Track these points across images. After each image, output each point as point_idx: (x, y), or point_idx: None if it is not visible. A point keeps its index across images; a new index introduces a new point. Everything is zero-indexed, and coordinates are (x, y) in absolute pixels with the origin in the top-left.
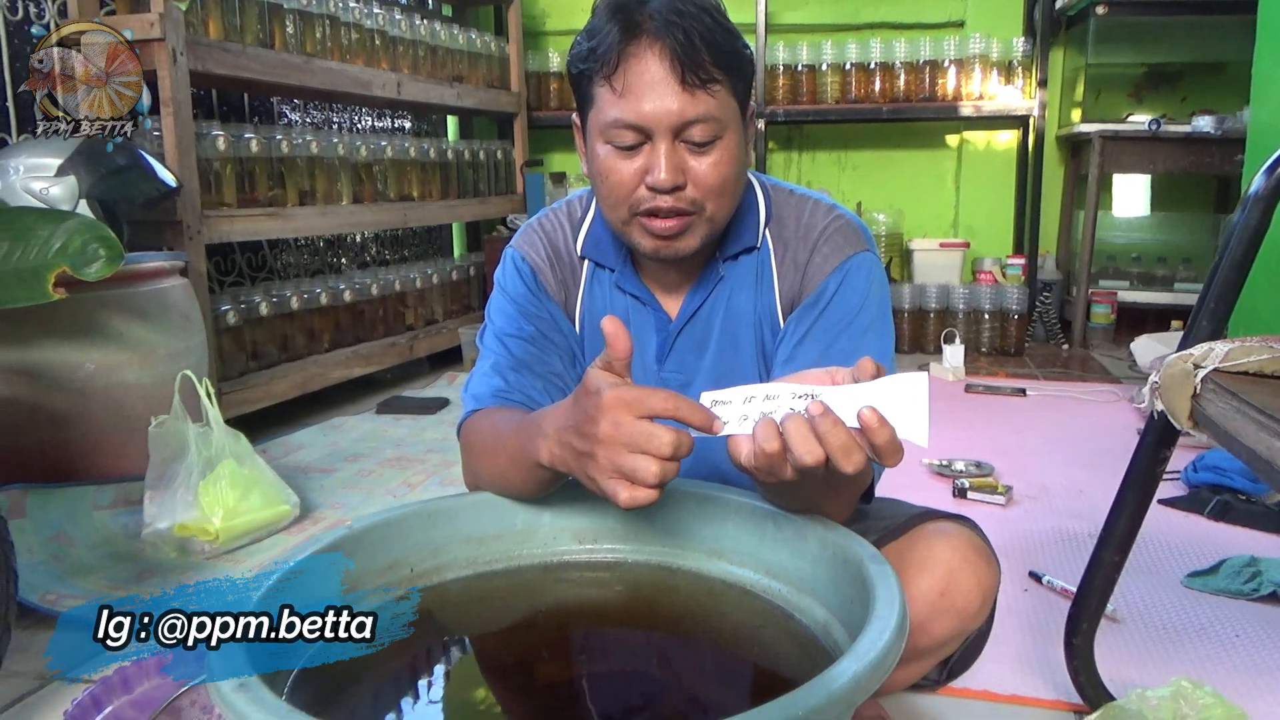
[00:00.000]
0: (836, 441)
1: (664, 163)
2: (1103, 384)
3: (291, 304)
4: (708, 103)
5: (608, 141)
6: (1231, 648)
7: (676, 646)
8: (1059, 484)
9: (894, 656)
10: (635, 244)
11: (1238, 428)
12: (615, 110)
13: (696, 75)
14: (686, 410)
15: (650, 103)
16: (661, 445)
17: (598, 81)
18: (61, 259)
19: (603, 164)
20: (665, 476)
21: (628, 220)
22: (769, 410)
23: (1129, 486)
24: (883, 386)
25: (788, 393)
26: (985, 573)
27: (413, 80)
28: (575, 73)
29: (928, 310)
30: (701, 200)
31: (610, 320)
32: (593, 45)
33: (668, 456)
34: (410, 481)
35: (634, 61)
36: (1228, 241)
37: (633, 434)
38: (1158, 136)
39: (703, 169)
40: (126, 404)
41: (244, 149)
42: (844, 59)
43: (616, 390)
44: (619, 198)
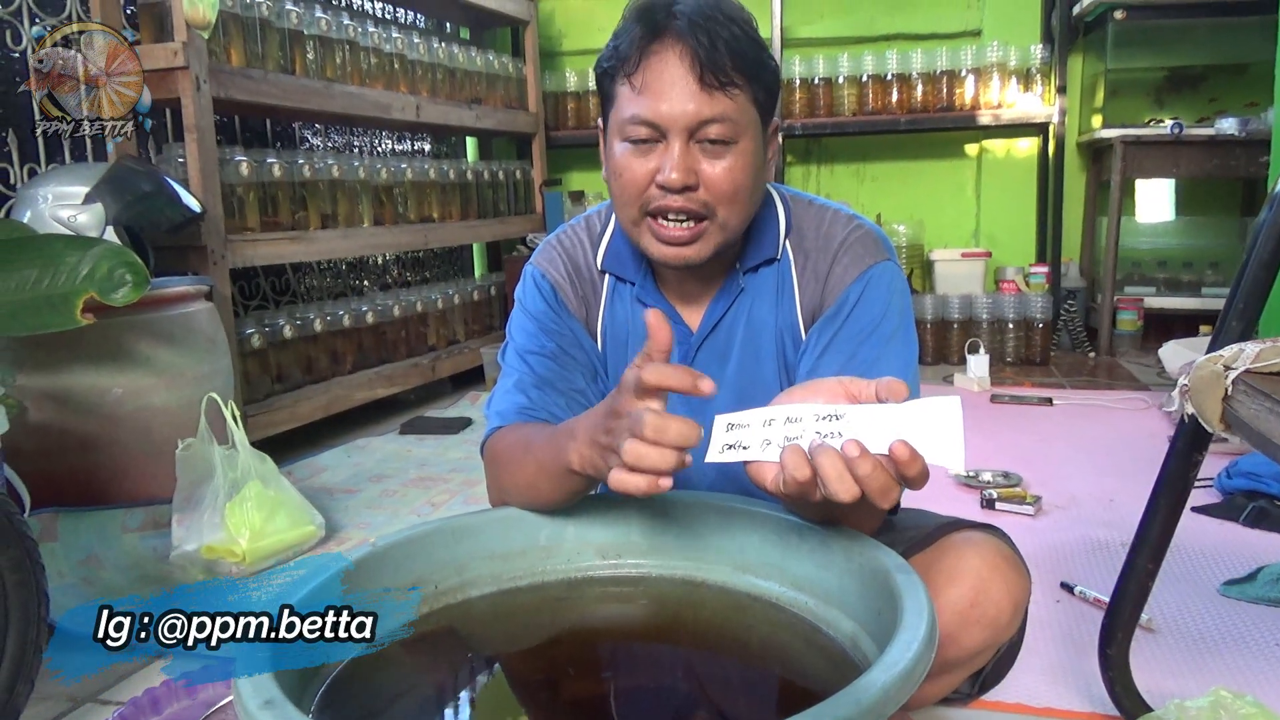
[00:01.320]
0: (876, 485)
1: (676, 160)
2: (1131, 391)
3: (315, 326)
4: (725, 105)
5: (624, 139)
6: (1271, 657)
7: (703, 661)
8: (1088, 493)
9: (923, 667)
10: (645, 249)
11: (1270, 428)
12: (633, 107)
13: (716, 77)
14: (665, 374)
15: (667, 100)
16: (643, 428)
17: (619, 80)
18: (89, 285)
19: (618, 161)
20: (646, 460)
21: (638, 220)
22: (793, 435)
23: (1161, 492)
24: (914, 411)
25: (810, 415)
26: (1016, 582)
27: (432, 103)
28: (599, 72)
29: (951, 321)
30: (713, 205)
31: (654, 313)
32: (617, 44)
33: (651, 440)
34: (434, 501)
35: (654, 60)
36: (1255, 240)
37: (629, 419)
38: (1180, 140)
39: (716, 172)
40: (154, 427)
41: (267, 174)
42: (860, 71)
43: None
44: (630, 195)
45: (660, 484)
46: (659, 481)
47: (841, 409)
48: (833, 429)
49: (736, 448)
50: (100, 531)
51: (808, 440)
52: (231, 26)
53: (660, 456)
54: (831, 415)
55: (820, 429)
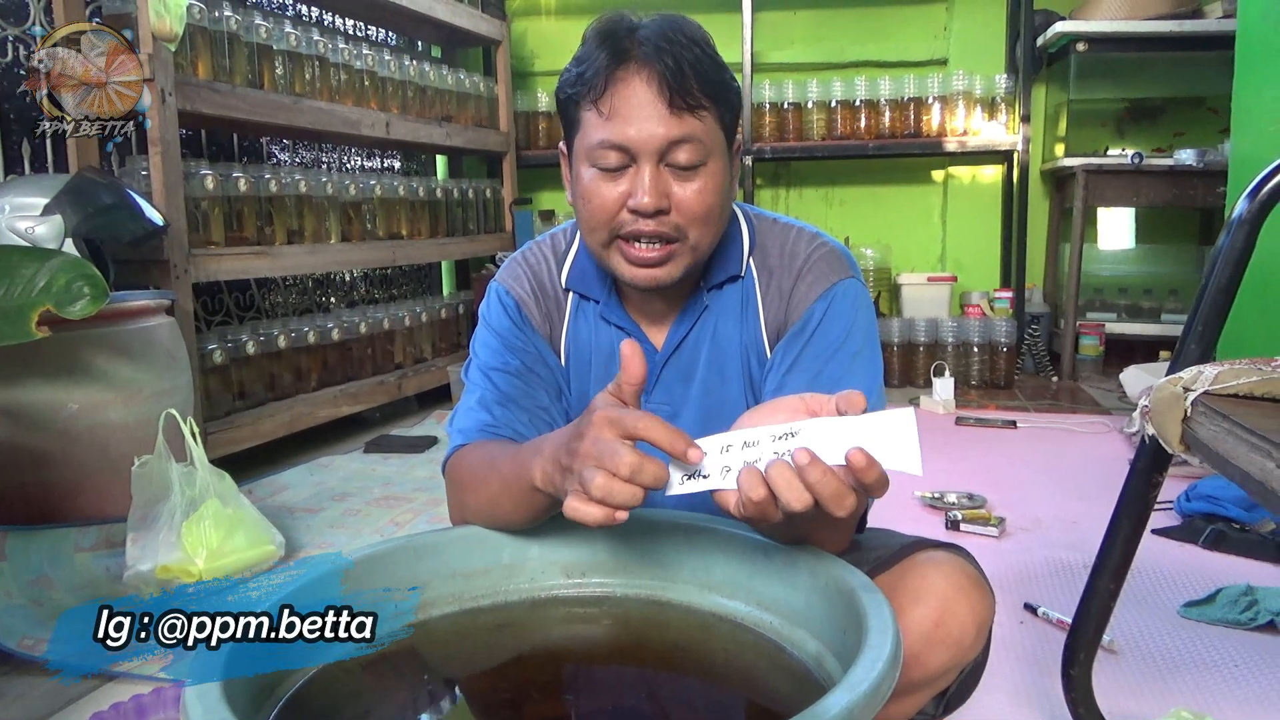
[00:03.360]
0: (828, 490)
1: (647, 185)
2: (1093, 415)
3: (279, 343)
4: (694, 126)
5: (593, 165)
6: (1230, 677)
7: (667, 682)
8: (1052, 515)
9: (888, 686)
10: (615, 271)
11: (1229, 450)
12: (601, 132)
13: (684, 100)
14: (657, 432)
15: (636, 125)
16: (619, 465)
17: (585, 105)
18: (45, 297)
19: (586, 187)
20: (616, 497)
21: (608, 244)
22: (750, 458)
23: (1122, 512)
24: (869, 422)
25: (767, 436)
26: (980, 602)
27: (402, 120)
28: (563, 98)
29: (917, 344)
30: (685, 227)
31: (629, 344)
32: (581, 70)
33: (624, 477)
34: (398, 520)
35: (622, 85)
36: (1213, 265)
37: (601, 451)
38: (1140, 170)
39: (687, 195)
40: (110, 444)
41: (232, 188)
42: (829, 96)
43: (607, 410)
44: (600, 221)
45: (617, 517)
46: (616, 515)
47: (798, 425)
48: (789, 446)
49: (696, 477)
50: (51, 551)
51: (765, 461)
52: (199, 40)
53: (630, 494)
54: (788, 434)
55: (778, 448)
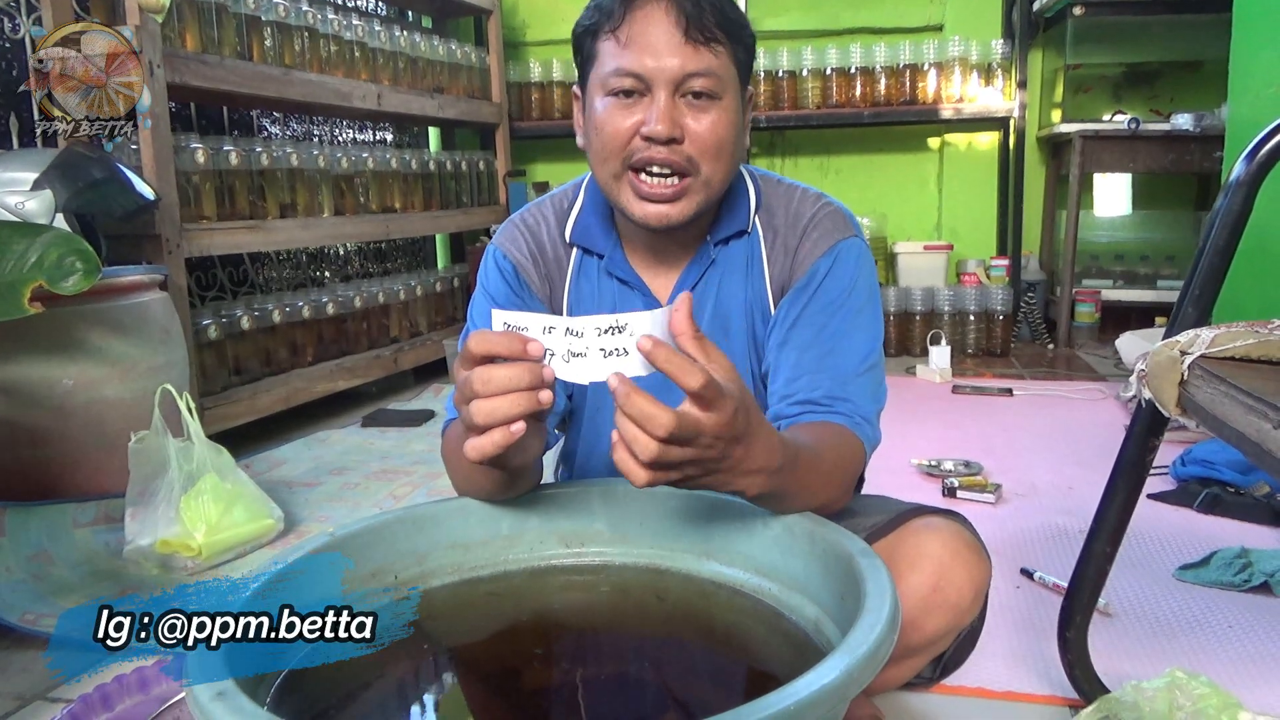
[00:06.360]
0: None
1: (662, 112)
2: (1089, 382)
3: (274, 317)
4: (710, 60)
5: (608, 93)
6: (1224, 638)
7: (667, 649)
8: (1048, 481)
9: (886, 649)
10: (624, 208)
11: (1226, 412)
12: (617, 60)
13: (701, 32)
14: (493, 342)
15: (653, 53)
16: (473, 387)
17: (602, 36)
18: (37, 273)
19: (599, 116)
20: (495, 415)
21: (619, 174)
22: (578, 349)
23: (1119, 476)
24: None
25: (591, 327)
26: (977, 567)
27: (393, 92)
28: (579, 31)
29: (913, 313)
30: (697, 160)
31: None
32: (599, 3)
33: (485, 395)
34: (396, 494)
35: (639, 15)
36: (1210, 228)
37: (460, 387)
38: (1137, 135)
39: (701, 127)
40: (106, 420)
41: (223, 162)
42: (824, 64)
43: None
44: (613, 149)
45: (512, 430)
46: (510, 429)
47: (626, 318)
48: (618, 343)
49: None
50: (50, 527)
51: (593, 355)
52: (186, 11)
53: (503, 405)
54: (614, 327)
55: (604, 345)
